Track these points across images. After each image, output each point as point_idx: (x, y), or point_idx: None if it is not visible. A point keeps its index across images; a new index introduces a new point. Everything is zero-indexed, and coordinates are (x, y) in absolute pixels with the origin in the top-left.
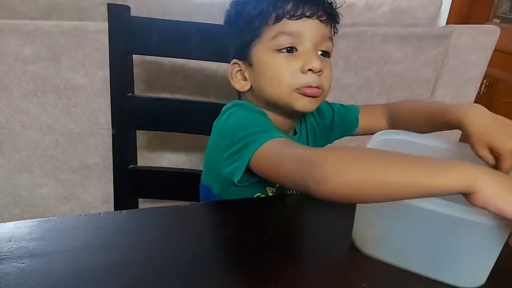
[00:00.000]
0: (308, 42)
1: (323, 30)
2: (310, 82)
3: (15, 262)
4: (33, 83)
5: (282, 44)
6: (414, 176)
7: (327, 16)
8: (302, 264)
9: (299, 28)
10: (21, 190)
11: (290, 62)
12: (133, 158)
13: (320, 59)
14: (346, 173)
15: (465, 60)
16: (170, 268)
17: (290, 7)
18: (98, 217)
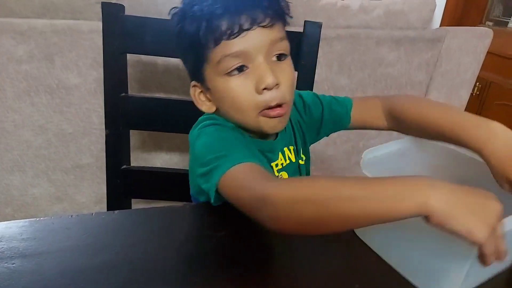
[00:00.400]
0: (258, 56)
1: (270, 34)
2: (269, 101)
3: (6, 262)
4: (26, 82)
5: (229, 67)
6: (366, 208)
7: (270, 18)
8: (297, 266)
9: (242, 46)
10: (13, 190)
11: (243, 84)
12: (126, 158)
13: (275, 68)
14: (295, 212)
15: (458, 63)
16: (162, 269)
17: (225, 25)
18: (90, 217)
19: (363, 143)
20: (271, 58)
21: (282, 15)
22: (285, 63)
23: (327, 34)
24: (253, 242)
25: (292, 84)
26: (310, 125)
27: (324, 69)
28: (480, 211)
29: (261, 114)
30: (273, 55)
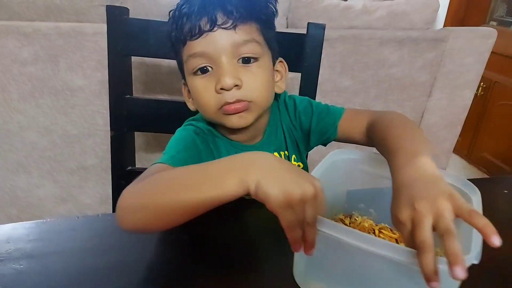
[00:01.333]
0: (220, 58)
1: (232, 37)
2: (227, 98)
3: (13, 263)
4: (30, 84)
5: (193, 67)
6: (197, 195)
7: (234, 18)
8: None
9: (204, 47)
10: (18, 191)
11: (206, 84)
12: (131, 159)
13: (240, 71)
14: (133, 214)
15: (461, 63)
16: (168, 270)
17: (188, 26)
18: (95, 218)
19: None
20: (235, 61)
21: (253, 17)
22: (254, 66)
23: (330, 35)
24: (258, 242)
25: (261, 87)
26: (300, 133)
27: (327, 70)
28: (288, 183)
29: (220, 110)
30: (238, 58)
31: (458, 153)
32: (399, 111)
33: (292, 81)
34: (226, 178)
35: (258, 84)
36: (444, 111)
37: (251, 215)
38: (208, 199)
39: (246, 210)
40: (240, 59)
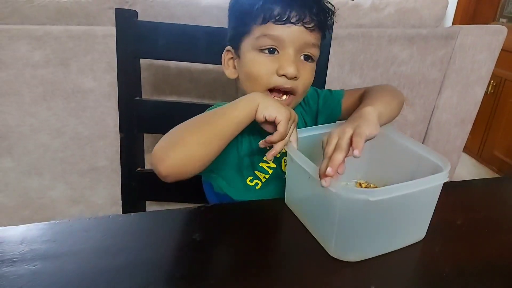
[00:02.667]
0: (290, 47)
1: (308, 37)
2: (282, 83)
3: (27, 264)
4: (42, 87)
5: (263, 45)
6: (221, 118)
7: (315, 23)
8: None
9: (282, 33)
10: (31, 193)
11: (269, 63)
12: (140, 161)
13: (299, 65)
14: (173, 151)
15: (472, 60)
16: (180, 270)
17: (277, 11)
18: (107, 219)
19: None
20: (299, 55)
21: (324, 28)
22: (309, 65)
23: (339, 33)
24: (269, 243)
25: (309, 84)
26: (310, 116)
27: (336, 68)
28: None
29: (268, 89)
30: (302, 53)
31: (468, 152)
32: (409, 109)
33: None
34: (238, 104)
35: (308, 82)
36: (455, 108)
37: (260, 217)
38: (230, 119)
39: (255, 212)
40: (302, 55)
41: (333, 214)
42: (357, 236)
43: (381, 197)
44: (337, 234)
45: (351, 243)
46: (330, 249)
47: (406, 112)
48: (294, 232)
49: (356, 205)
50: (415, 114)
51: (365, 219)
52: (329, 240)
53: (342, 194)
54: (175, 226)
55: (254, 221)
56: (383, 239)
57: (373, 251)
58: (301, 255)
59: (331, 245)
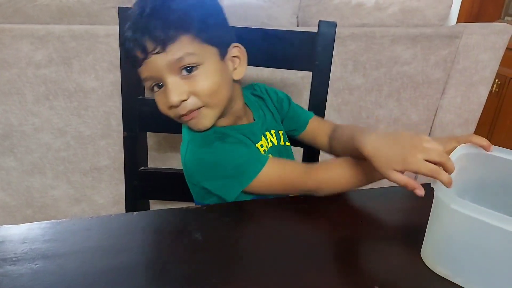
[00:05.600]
0: (164, 76)
1: (166, 58)
2: (180, 111)
3: (29, 263)
4: (45, 86)
5: (148, 86)
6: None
7: (160, 45)
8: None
9: (147, 72)
10: (34, 192)
11: (162, 100)
12: (144, 160)
13: (184, 82)
14: (336, 188)
15: (476, 59)
16: (183, 270)
17: (131, 57)
18: (109, 219)
19: None
20: (178, 75)
21: (179, 32)
22: (197, 74)
23: (341, 33)
24: (272, 242)
25: (209, 90)
26: (279, 116)
27: (339, 68)
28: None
29: (181, 119)
30: (181, 70)
31: None
32: (412, 109)
33: (303, 80)
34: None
35: (206, 89)
36: (459, 109)
37: (262, 216)
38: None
39: (257, 211)
40: (182, 70)
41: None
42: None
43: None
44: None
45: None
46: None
47: (410, 112)
48: (296, 230)
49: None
50: (418, 114)
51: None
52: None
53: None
54: (176, 225)
55: (257, 220)
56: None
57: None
58: (303, 253)
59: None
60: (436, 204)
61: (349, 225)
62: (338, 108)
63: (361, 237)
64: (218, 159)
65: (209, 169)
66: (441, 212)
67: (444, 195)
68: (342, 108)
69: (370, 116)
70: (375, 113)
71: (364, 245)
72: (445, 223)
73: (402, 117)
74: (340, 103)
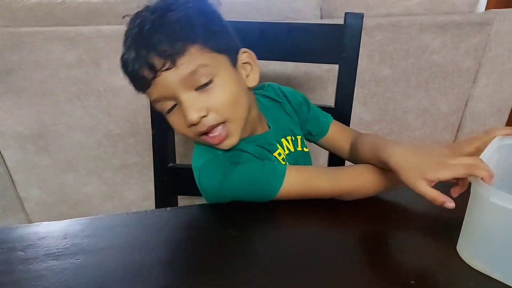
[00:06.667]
0: (179, 96)
1: (177, 74)
2: (201, 128)
3: (71, 258)
4: (76, 87)
5: (162, 109)
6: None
7: (169, 60)
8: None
9: (157, 93)
10: (67, 189)
11: (178, 120)
12: (172, 156)
13: (200, 99)
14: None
15: (509, 47)
16: (216, 264)
17: (137, 80)
18: (144, 214)
19: (407, 135)
20: (193, 91)
21: (187, 44)
22: (213, 87)
23: (367, 23)
24: (304, 236)
25: (228, 102)
26: (298, 119)
27: (365, 60)
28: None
29: (201, 138)
30: (195, 86)
31: None
32: (441, 99)
33: (328, 73)
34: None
35: (225, 102)
36: (491, 98)
37: (294, 210)
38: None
39: (289, 207)
40: (196, 86)
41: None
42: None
43: None
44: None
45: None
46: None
47: (439, 102)
48: (327, 225)
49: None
50: (448, 104)
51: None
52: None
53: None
54: (210, 220)
55: (288, 214)
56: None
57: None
58: (335, 247)
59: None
60: (474, 198)
61: (382, 219)
62: (364, 101)
63: (394, 231)
64: (236, 187)
65: (230, 197)
66: (479, 206)
67: (483, 188)
68: (368, 101)
69: (398, 107)
70: (403, 104)
71: (398, 239)
72: (483, 217)
73: (431, 107)
74: (367, 95)
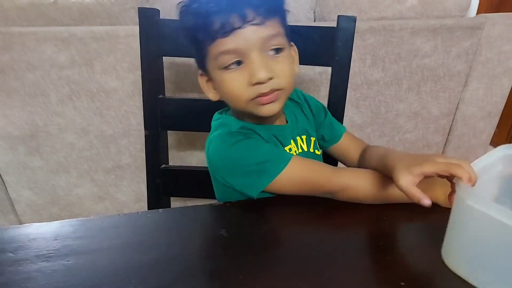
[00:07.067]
0: (251, 52)
1: (262, 32)
2: (261, 90)
3: (62, 259)
4: (68, 87)
5: (225, 63)
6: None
7: (261, 16)
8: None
9: (235, 43)
10: (59, 190)
11: (239, 77)
12: (165, 158)
13: (270, 63)
14: (366, 192)
15: (499, 51)
16: (209, 265)
17: (218, 25)
18: (136, 216)
19: (399, 137)
20: (267, 53)
21: (277, 11)
22: (282, 56)
23: (360, 27)
24: (297, 238)
25: (289, 75)
26: (315, 124)
27: (357, 63)
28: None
29: (253, 101)
30: (268, 50)
31: (495, 146)
32: (433, 102)
33: (321, 76)
34: None
35: (287, 73)
36: (481, 101)
37: (287, 211)
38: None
39: (282, 206)
40: (269, 50)
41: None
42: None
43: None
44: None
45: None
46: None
47: (430, 106)
48: (321, 226)
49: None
50: (439, 107)
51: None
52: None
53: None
54: (202, 222)
55: (281, 216)
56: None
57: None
58: (328, 249)
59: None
60: (456, 200)
61: (373, 222)
62: (356, 103)
63: (385, 233)
64: (240, 155)
65: (232, 165)
66: (458, 209)
67: (461, 190)
68: (360, 103)
69: (390, 110)
70: (395, 107)
71: (389, 241)
72: (461, 220)
73: (422, 111)
74: (359, 98)
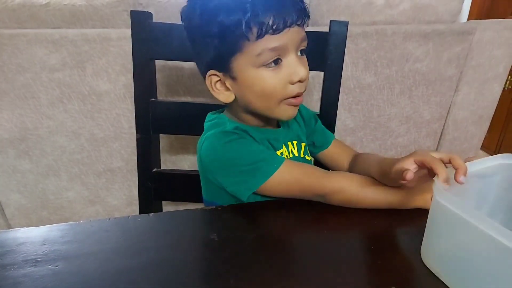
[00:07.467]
0: (291, 51)
1: (301, 33)
2: (298, 89)
3: (50, 264)
4: (59, 90)
5: (267, 60)
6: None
7: (302, 18)
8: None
9: (283, 41)
10: (49, 194)
11: (278, 75)
12: (156, 161)
13: (303, 63)
14: (360, 195)
15: (489, 56)
16: (200, 269)
17: (272, 21)
18: (126, 220)
19: (391, 141)
20: (297, 53)
21: (308, 16)
22: (305, 57)
23: (352, 31)
24: (288, 242)
25: (309, 76)
26: (306, 130)
27: (350, 67)
28: None
29: (285, 102)
30: (298, 50)
31: (486, 150)
32: (424, 106)
33: (313, 80)
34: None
35: (309, 75)
36: (472, 106)
37: (278, 216)
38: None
39: (273, 211)
40: (299, 51)
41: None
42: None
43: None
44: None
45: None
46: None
47: (422, 110)
48: (313, 231)
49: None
50: (431, 112)
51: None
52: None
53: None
54: (193, 226)
55: (272, 220)
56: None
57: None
58: (319, 252)
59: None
60: (432, 199)
61: (364, 225)
62: (349, 107)
63: (376, 237)
64: (233, 154)
65: (225, 163)
66: (432, 206)
67: (434, 186)
68: (353, 107)
69: (382, 114)
70: (387, 111)
71: (380, 245)
72: (434, 217)
73: (414, 115)
74: (351, 102)
